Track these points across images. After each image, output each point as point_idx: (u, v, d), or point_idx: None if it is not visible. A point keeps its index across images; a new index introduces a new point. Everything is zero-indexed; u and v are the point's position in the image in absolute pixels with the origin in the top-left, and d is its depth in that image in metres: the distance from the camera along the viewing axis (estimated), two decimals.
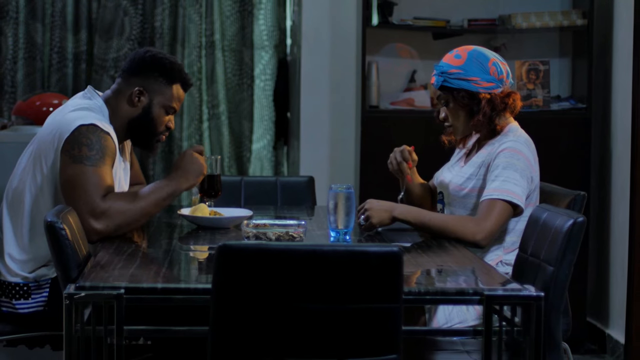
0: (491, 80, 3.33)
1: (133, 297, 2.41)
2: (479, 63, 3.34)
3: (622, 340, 4.73)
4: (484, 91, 3.33)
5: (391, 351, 2.35)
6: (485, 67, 3.34)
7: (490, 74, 3.33)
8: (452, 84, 3.34)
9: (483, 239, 3.18)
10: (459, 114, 3.38)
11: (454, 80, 3.34)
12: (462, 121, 3.39)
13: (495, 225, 3.19)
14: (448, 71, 3.35)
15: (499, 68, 3.35)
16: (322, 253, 2.30)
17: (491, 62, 3.35)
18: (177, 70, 3.33)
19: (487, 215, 3.19)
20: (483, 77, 3.33)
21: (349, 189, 3.11)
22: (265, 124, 6.00)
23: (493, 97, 3.33)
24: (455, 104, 3.37)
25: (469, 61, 3.34)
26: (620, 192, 4.84)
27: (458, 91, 3.34)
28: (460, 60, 3.35)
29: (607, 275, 5.01)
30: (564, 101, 5.16)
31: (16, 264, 3.20)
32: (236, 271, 2.28)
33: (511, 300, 2.49)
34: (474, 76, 3.33)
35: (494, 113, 3.33)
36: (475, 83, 3.33)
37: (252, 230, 3.01)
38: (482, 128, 3.35)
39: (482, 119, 3.32)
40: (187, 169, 3.28)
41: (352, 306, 2.31)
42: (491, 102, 3.32)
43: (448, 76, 3.35)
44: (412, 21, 5.20)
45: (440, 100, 3.41)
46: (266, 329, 2.30)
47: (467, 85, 3.33)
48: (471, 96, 3.33)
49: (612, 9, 4.98)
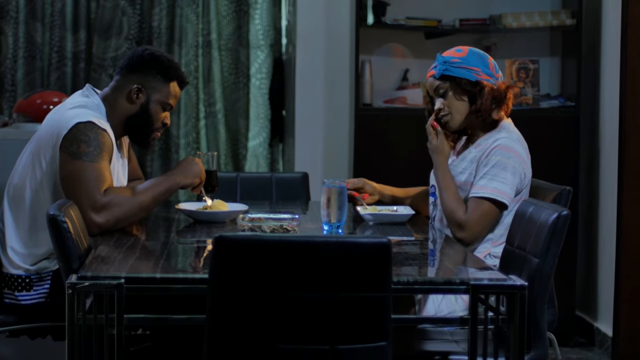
0: (489, 74, 3.41)
1: (133, 287, 2.47)
2: (479, 56, 3.43)
3: (610, 333, 4.78)
4: (484, 82, 3.41)
5: (381, 339, 2.41)
6: (485, 62, 3.42)
7: (490, 68, 3.42)
8: (454, 73, 3.40)
9: (465, 236, 3.29)
10: (459, 103, 3.42)
11: (455, 69, 3.40)
12: (461, 110, 3.42)
13: (479, 226, 3.30)
14: (450, 60, 3.42)
15: (496, 66, 3.45)
16: (314, 244, 2.37)
17: (490, 59, 3.45)
18: (174, 68, 3.40)
19: (472, 215, 3.29)
20: (483, 70, 3.40)
21: (341, 184, 3.17)
22: (261, 121, 6.02)
23: (497, 88, 3.41)
24: (455, 93, 3.42)
25: (470, 54, 3.43)
26: (609, 188, 4.89)
27: (460, 79, 3.41)
28: (462, 53, 3.43)
29: (596, 270, 5.06)
30: (553, 99, 5.20)
31: (18, 256, 3.25)
32: (232, 261, 2.35)
33: (496, 289, 2.56)
34: (476, 67, 3.40)
35: (495, 104, 3.39)
36: (476, 73, 3.40)
37: (248, 224, 3.08)
38: (479, 118, 3.40)
39: (483, 106, 3.37)
40: (187, 168, 3.36)
41: (344, 295, 2.37)
42: (493, 92, 3.39)
43: (450, 65, 3.40)
44: (405, 21, 5.24)
45: (439, 90, 3.44)
46: (261, 317, 2.37)
47: (469, 74, 3.40)
48: (472, 85, 3.40)
49: (600, 9, 5.03)
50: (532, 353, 2.88)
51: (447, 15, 5.29)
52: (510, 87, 3.43)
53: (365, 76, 5.22)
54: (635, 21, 4.60)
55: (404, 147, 5.04)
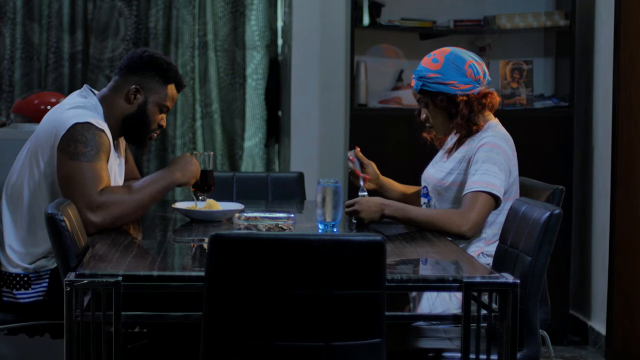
0: (468, 82, 3.44)
1: (130, 285, 2.50)
2: (455, 66, 3.44)
3: (604, 331, 4.81)
4: (461, 93, 3.43)
5: (375, 335, 2.44)
6: (462, 70, 3.44)
7: (467, 75, 3.44)
8: (431, 88, 3.45)
9: (468, 230, 3.29)
10: (438, 116, 3.49)
11: (432, 84, 3.44)
12: (441, 122, 3.50)
13: (479, 216, 3.30)
14: (426, 76, 3.45)
15: (475, 69, 3.45)
16: (309, 242, 2.39)
17: (467, 64, 3.44)
18: (172, 71, 3.42)
19: (471, 207, 3.30)
20: (460, 80, 3.44)
21: (336, 183, 3.18)
22: (257, 122, 6.03)
23: (470, 99, 3.43)
24: (434, 107, 3.48)
25: (446, 65, 3.44)
26: (602, 187, 4.92)
27: (436, 94, 3.45)
28: (438, 64, 3.45)
29: (589, 269, 5.08)
30: (547, 100, 5.22)
31: (16, 255, 3.27)
32: (228, 259, 2.37)
33: (489, 287, 2.59)
34: (452, 80, 3.43)
35: (472, 114, 3.43)
36: (453, 86, 3.43)
37: (244, 223, 3.10)
38: (461, 129, 3.45)
39: (460, 121, 3.43)
40: (183, 166, 3.37)
41: (338, 292, 2.40)
42: (469, 104, 3.42)
43: (427, 80, 3.45)
44: (400, 22, 5.26)
45: (420, 102, 3.52)
46: (256, 314, 2.39)
47: (445, 89, 3.44)
48: (449, 99, 3.44)
49: (593, 10, 5.06)
50: (524, 350, 2.90)
51: (442, 16, 5.31)
52: (487, 94, 3.46)
53: (361, 77, 5.25)
54: (628, 22, 4.63)
55: (399, 148, 5.07)
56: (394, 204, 3.39)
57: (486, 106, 3.45)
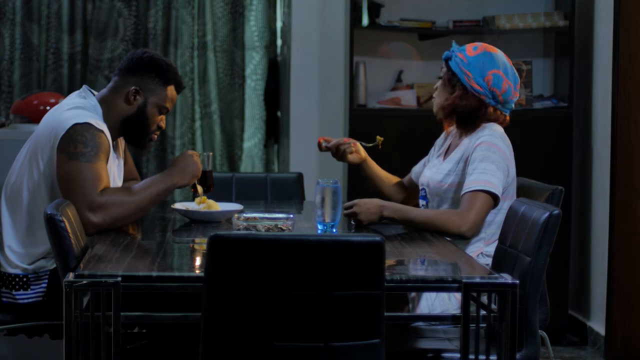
0: (482, 86, 3.45)
1: (129, 285, 2.50)
2: (482, 64, 3.46)
3: (603, 332, 4.81)
4: (470, 89, 3.46)
5: (374, 336, 2.44)
6: (484, 72, 3.45)
7: (485, 80, 3.45)
8: (452, 64, 3.49)
9: (468, 230, 3.30)
10: (444, 92, 3.52)
11: (455, 62, 3.48)
12: (442, 97, 3.53)
13: (478, 215, 3.31)
14: (457, 54, 3.49)
15: (499, 83, 3.45)
16: (308, 242, 2.39)
17: (493, 72, 3.45)
18: (172, 72, 3.43)
19: (469, 207, 3.30)
20: (476, 79, 3.45)
21: (335, 184, 3.19)
22: (256, 122, 6.03)
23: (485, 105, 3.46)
24: (447, 82, 3.51)
25: (477, 58, 3.47)
26: (601, 188, 4.92)
27: (453, 73, 3.49)
28: (473, 53, 3.48)
29: (588, 269, 5.09)
30: (546, 100, 5.23)
31: (16, 256, 3.28)
32: (227, 260, 2.38)
33: (488, 287, 2.59)
34: (471, 72, 3.45)
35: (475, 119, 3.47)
36: (467, 77, 3.45)
37: (243, 223, 3.10)
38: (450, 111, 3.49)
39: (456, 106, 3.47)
40: (184, 168, 3.37)
41: (338, 293, 2.40)
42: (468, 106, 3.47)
43: (455, 57, 3.49)
44: (399, 22, 5.26)
45: (441, 71, 3.56)
46: (256, 314, 2.39)
47: (460, 74, 3.46)
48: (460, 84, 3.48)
49: (592, 10, 5.07)
50: (523, 351, 2.90)
51: (441, 16, 5.32)
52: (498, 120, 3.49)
53: (360, 77, 5.26)
54: (627, 22, 4.64)
55: (398, 148, 5.07)
56: (392, 205, 3.39)
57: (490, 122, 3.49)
